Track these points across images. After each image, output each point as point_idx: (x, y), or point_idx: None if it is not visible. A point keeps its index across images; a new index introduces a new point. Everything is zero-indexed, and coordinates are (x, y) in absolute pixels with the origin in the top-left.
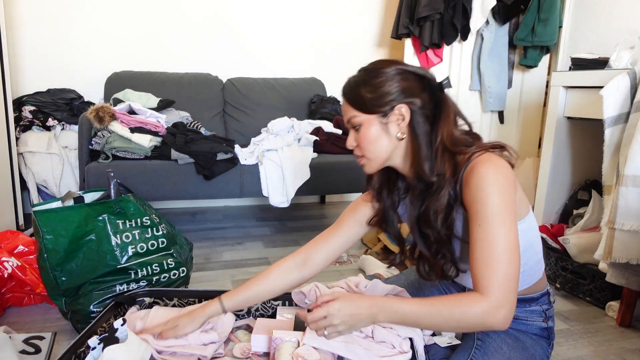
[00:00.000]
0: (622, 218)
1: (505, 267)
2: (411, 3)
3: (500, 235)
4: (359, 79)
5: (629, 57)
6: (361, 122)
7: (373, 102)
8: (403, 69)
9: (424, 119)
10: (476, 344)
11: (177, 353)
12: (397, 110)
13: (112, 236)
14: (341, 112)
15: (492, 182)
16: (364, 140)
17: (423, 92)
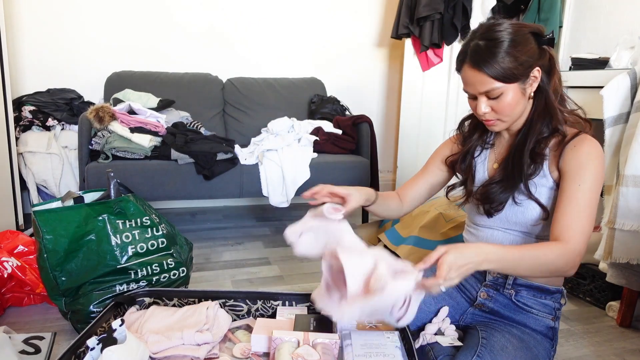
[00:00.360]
0: (622, 218)
1: (587, 224)
2: (411, 3)
3: (592, 199)
4: (493, 48)
5: (629, 57)
6: (502, 92)
7: (517, 71)
8: (523, 30)
9: (547, 76)
10: (481, 342)
11: (170, 356)
12: (532, 74)
13: (112, 236)
14: (341, 112)
15: (599, 158)
16: (505, 107)
17: (540, 49)
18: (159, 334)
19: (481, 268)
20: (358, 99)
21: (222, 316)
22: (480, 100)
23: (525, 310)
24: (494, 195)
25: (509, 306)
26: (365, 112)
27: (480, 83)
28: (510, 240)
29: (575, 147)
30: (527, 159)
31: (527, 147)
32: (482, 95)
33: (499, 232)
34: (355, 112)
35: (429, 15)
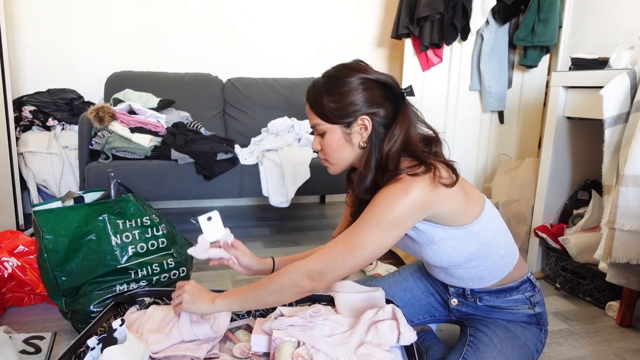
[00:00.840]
0: (622, 218)
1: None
2: (411, 3)
3: (360, 235)
4: (322, 87)
5: (629, 57)
6: (325, 130)
7: (336, 112)
8: (367, 77)
9: (384, 129)
10: (468, 340)
11: (170, 356)
12: (360, 121)
13: (112, 236)
14: None
15: (395, 196)
16: (327, 147)
17: (386, 101)
18: (158, 333)
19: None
20: None
21: (222, 316)
22: (315, 137)
23: (498, 308)
24: None
25: (481, 308)
26: None
27: (310, 118)
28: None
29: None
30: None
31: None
32: (314, 130)
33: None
34: None
35: (429, 15)
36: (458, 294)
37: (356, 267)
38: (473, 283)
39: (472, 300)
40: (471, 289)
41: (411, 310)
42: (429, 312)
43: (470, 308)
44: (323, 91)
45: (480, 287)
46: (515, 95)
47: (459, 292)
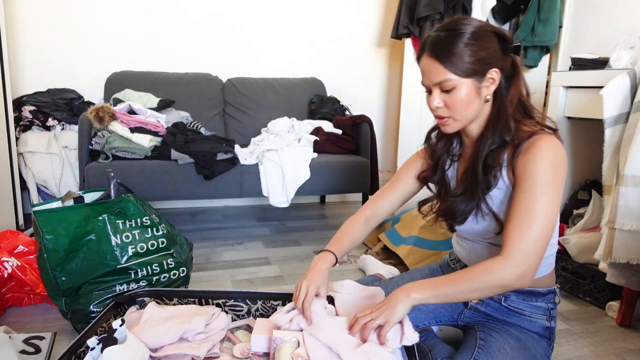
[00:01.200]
0: (622, 218)
1: (534, 233)
2: (411, 3)
3: (540, 204)
4: (452, 38)
5: (629, 57)
6: (455, 85)
7: (473, 65)
8: (487, 29)
9: (506, 81)
10: (479, 343)
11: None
12: (489, 75)
13: (112, 236)
14: (341, 112)
15: (547, 158)
16: (457, 103)
17: (505, 55)
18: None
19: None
20: (358, 99)
21: (222, 316)
22: (434, 93)
23: (518, 313)
24: (454, 209)
25: (501, 310)
26: (365, 112)
27: (435, 73)
28: (490, 251)
29: (525, 150)
30: (481, 170)
31: (481, 159)
32: (437, 87)
33: (479, 245)
34: (355, 112)
35: (429, 15)
36: None
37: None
38: None
39: (497, 297)
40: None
41: (418, 315)
42: (436, 317)
43: (489, 308)
44: (456, 43)
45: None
46: None
47: None
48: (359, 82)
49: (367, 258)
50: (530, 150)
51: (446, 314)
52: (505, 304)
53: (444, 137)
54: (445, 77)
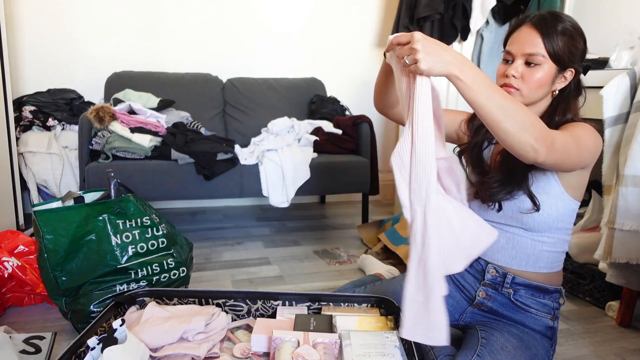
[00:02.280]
0: (622, 218)
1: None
2: (411, 3)
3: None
4: (560, 22)
5: (629, 57)
6: (541, 63)
7: (565, 55)
8: (583, 33)
9: (573, 88)
10: (481, 342)
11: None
12: (568, 71)
13: (112, 236)
14: (341, 112)
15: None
16: (533, 79)
17: (581, 62)
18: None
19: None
20: (358, 99)
21: (222, 316)
22: (516, 62)
23: (524, 309)
24: (495, 192)
25: (508, 305)
26: (365, 112)
27: (530, 43)
28: (507, 237)
29: (569, 124)
30: None
31: None
32: (523, 57)
33: (498, 230)
34: (355, 112)
35: (429, 15)
36: (494, 283)
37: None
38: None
39: (506, 292)
40: (513, 276)
41: None
42: None
43: (496, 304)
44: (565, 31)
45: (528, 271)
46: None
47: (497, 282)
48: (359, 82)
49: (367, 258)
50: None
51: (449, 313)
52: (514, 299)
53: None
54: (538, 51)
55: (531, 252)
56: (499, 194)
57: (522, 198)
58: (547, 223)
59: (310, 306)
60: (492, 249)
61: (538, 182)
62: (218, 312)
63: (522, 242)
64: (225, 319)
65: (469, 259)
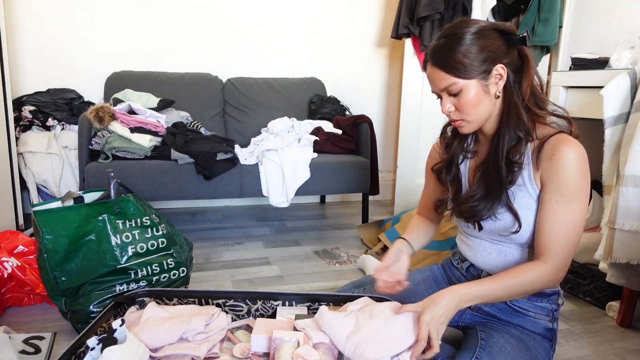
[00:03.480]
0: (622, 218)
1: (570, 240)
2: (411, 3)
3: (574, 212)
4: (450, 44)
5: (629, 57)
6: (461, 88)
7: (474, 66)
8: (487, 27)
9: (514, 75)
10: (480, 343)
11: (170, 355)
12: (495, 71)
13: (112, 236)
14: (341, 112)
15: (576, 164)
16: (467, 105)
17: (510, 48)
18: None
19: (464, 306)
20: (358, 99)
21: (222, 316)
22: (443, 99)
23: (522, 313)
24: (475, 211)
25: (506, 310)
26: (365, 112)
27: (439, 80)
28: (499, 250)
29: (553, 156)
30: (503, 167)
31: (502, 155)
32: (444, 92)
33: (487, 242)
34: (355, 112)
35: (429, 15)
36: None
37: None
38: None
39: None
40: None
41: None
42: None
43: (494, 309)
44: (455, 48)
45: None
46: None
47: None
48: (359, 82)
49: (366, 258)
50: (557, 157)
51: None
52: (511, 304)
53: (458, 133)
54: (450, 82)
55: (520, 261)
56: (479, 212)
57: (503, 217)
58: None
59: (310, 306)
60: (485, 260)
61: (521, 198)
62: (218, 312)
63: (513, 254)
64: (225, 319)
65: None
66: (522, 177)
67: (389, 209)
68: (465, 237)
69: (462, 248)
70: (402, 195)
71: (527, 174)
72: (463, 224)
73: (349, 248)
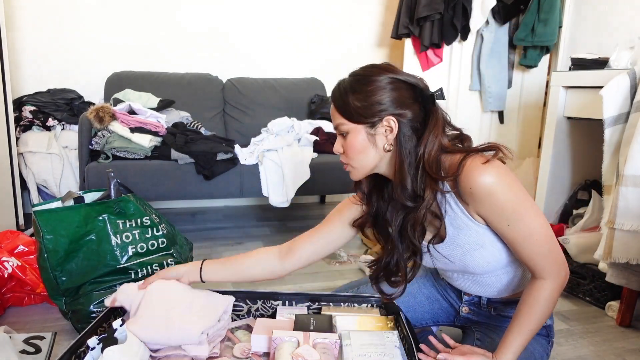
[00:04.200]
0: (622, 218)
1: (547, 247)
2: (411, 3)
3: (531, 224)
4: (348, 85)
5: (629, 57)
6: (348, 130)
7: (361, 111)
8: (395, 77)
9: (412, 132)
10: (476, 343)
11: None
12: (385, 122)
13: (112, 236)
14: None
15: (498, 184)
16: (351, 149)
17: (414, 103)
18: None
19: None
20: None
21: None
22: (337, 139)
23: (509, 318)
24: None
25: (494, 317)
26: None
27: (333, 117)
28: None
29: (471, 190)
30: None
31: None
32: (337, 131)
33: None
34: None
35: (429, 15)
36: (472, 303)
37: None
38: (499, 292)
39: (485, 309)
40: (488, 298)
41: (414, 315)
42: (432, 317)
43: (481, 317)
44: (349, 89)
45: (503, 296)
46: (515, 95)
47: (474, 301)
48: None
49: (367, 258)
50: (475, 189)
51: (443, 315)
52: (496, 313)
53: (374, 182)
54: (339, 121)
55: (499, 285)
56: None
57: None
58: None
59: (310, 306)
60: (461, 285)
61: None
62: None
63: (485, 281)
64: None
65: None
66: (460, 218)
67: None
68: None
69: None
70: None
71: (463, 214)
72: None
73: (349, 248)
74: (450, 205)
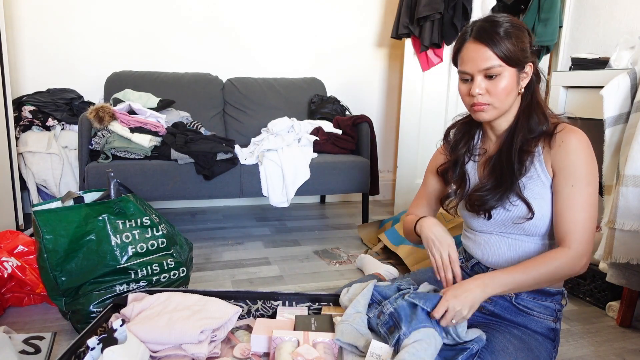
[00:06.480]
0: (622, 218)
1: (588, 225)
2: (411, 3)
3: (589, 196)
4: (505, 29)
5: (629, 57)
6: (500, 72)
7: (519, 56)
8: (524, 26)
9: (535, 76)
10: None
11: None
12: (527, 67)
13: (112, 236)
14: (341, 112)
15: (583, 149)
16: (500, 90)
17: (532, 53)
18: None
19: (490, 294)
20: (358, 99)
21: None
22: (476, 80)
23: (526, 312)
24: (486, 200)
25: (510, 309)
26: (365, 112)
27: (482, 59)
28: (509, 243)
29: (562, 143)
30: (516, 158)
31: (515, 147)
32: (481, 73)
33: (496, 237)
34: (355, 112)
35: (429, 15)
36: None
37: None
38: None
39: (508, 296)
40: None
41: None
42: None
43: (498, 307)
44: (509, 33)
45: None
46: None
47: None
48: (359, 82)
49: (365, 257)
50: (566, 143)
51: None
52: (515, 302)
53: (465, 134)
54: (493, 63)
55: (527, 257)
56: (489, 202)
57: (514, 206)
58: (548, 226)
59: (310, 306)
60: (494, 255)
61: (533, 188)
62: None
63: (524, 247)
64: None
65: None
66: (534, 167)
67: (389, 209)
68: (472, 234)
69: (468, 245)
70: (402, 195)
71: (539, 163)
72: (470, 219)
73: (349, 248)
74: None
